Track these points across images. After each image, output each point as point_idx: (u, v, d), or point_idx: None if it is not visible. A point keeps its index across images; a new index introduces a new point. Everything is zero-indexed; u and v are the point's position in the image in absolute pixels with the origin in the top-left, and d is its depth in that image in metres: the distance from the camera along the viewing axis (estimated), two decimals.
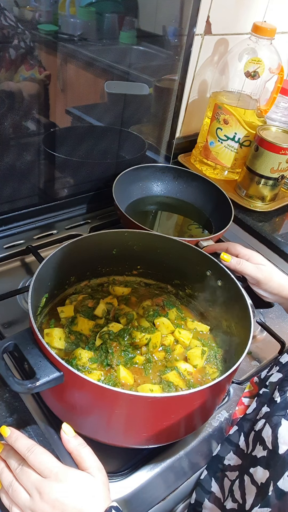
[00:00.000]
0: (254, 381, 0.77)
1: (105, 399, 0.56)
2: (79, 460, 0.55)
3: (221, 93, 1.23)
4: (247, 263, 0.81)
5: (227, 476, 0.67)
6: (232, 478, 0.65)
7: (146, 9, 0.96)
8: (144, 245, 0.82)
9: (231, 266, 0.80)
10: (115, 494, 0.62)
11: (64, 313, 0.76)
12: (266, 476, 0.55)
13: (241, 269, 0.80)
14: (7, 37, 0.78)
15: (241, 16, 1.22)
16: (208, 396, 0.60)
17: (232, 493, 0.62)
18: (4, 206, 0.96)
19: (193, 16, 1.01)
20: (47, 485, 0.51)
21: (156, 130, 1.19)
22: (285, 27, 1.37)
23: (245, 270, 0.80)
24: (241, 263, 0.80)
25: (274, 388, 0.65)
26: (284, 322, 0.95)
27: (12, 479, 0.54)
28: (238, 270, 0.81)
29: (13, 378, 0.55)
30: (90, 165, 1.08)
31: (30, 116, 0.90)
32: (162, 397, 0.56)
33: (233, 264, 0.80)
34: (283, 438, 0.56)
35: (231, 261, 0.80)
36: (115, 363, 0.70)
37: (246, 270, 0.80)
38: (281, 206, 1.25)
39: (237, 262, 0.80)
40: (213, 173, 1.31)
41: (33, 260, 0.94)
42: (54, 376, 0.56)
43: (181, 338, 0.77)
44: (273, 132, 1.19)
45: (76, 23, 0.88)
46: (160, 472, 0.67)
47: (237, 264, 0.80)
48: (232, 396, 0.78)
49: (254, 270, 0.80)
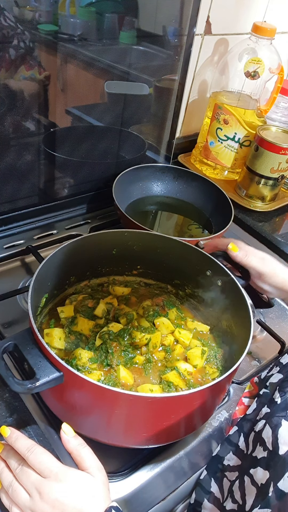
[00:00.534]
0: (254, 381, 0.77)
1: (105, 399, 0.56)
2: (79, 460, 0.55)
3: (221, 93, 1.23)
4: (253, 256, 0.80)
5: (226, 476, 0.66)
6: (231, 478, 0.65)
7: (146, 9, 0.96)
8: (144, 245, 0.82)
9: (238, 258, 0.80)
10: (115, 494, 0.62)
11: (64, 313, 0.76)
12: (266, 477, 0.55)
13: (247, 262, 0.80)
14: (7, 37, 0.78)
15: (241, 16, 1.22)
16: (208, 396, 0.60)
17: (232, 494, 0.62)
18: (4, 206, 0.96)
19: (193, 16, 1.01)
20: (47, 485, 0.51)
21: (156, 130, 1.19)
22: (285, 27, 1.37)
23: (251, 262, 0.80)
24: (247, 255, 0.80)
25: (274, 388, 0.65)
26: (284, 322, 0.95)
27: (12, 479, 0.54)
28: (244, 262, 0.80)
29: (13, 378, 0.55)
30: (90, 165, 1.08)
31: (30, 116, 0.90)
32: (162, 397, 0.56)
33: (240, 256, 0.80)
34: (283, 438, 0.55)
35: (238, 253, 0.80)
36: (115, 363, 0.70)
37: (252, 263, 0.80)
38: (281, 206, 1.25)
39: (243, 254, 0.80)
40: (213, 173, 1.31)
41: (33, 260, 0.94)
42: (54, 376, 0.56)
43: (181, 338, 0.77)
44: (273, 132, 1.19)
45: (76, 23, 0.88)
46: (160, 472, 0.67)
47: (244, 256, 0.80)
48: (232, 396, 0.78)
49: (259, 263, 0.80)
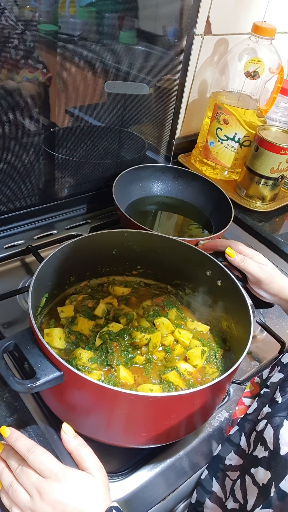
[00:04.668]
0: (255, 381, 0.77)
1: (105, 399, 0.56)
2: (79, 460, 0.55)
3: (221, 93, 1.23)
4: (251, 261, 0.80)
5: (228, 476, 0.67)
6: (233, 478, 0.65)
7: (146, 9, 0.96)
8: (144, 245, 0.82)
9: (235, 262, 0.79)
10: (115, 494, 0.62)
11: (64, 313, 0.76)
12: (268, 477, 0.55)
13: (244, 267, 0.80)
14: (7, 37, 0.78)
15: (241, 16, 1.22)
16: (208, 396, 0.60)
17: (233, 493, 0.62)
18: (4, 206, 0.96)
19: (193, 16, 1.01)
20: (47, 485, 0.51)
21: (156, 130, 1.19)
22: (285, 27, 1.37)
23: (248, 268, 0.79)
24: (245, 260, 0.80)
25: (275, 388, 0.65)
26: (284, 322, 0.95)
27: (12, 479, 0.53)
28: (242, 267, 0.80)
29: (13, 377, 0.55)
30: (90, 165, 1.08)
31: (30, 116, 0.90)
32: (162, 397, 0.56)
33: (237, 260, 0.79)
34: (285, 439, 0.55)
35: (235, 258, 0.79)
36: (115, 363, 0.70)
37: (249, 268, 0.79)
38: (281, 206, 1.25)
39: (241, 259, 0.79)
40: (213, 173, 1.31)
41: (33, 260, 0.94)
42: (54, 375, 0.56)
43: (181, 338, 0.77)
44: (273, 132, 1.19)
45: (76, 23, 0.88)
46: (160, 472, 0.67)
47: (241, 261, 0.79)
48: (232, 396, 0.78)
49: (257, 269, 0.80)
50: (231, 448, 0.68)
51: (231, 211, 1.04)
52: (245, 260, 0.80)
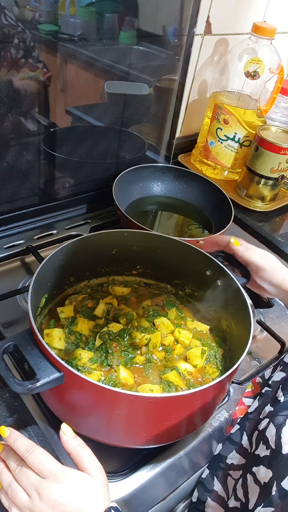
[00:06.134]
0: (256, 381, 0.77)
1: (105, 400, 0.56)
2: (78, 460, 0.55)
3: (221, 93, 1.23)
4: (255, 251, 0.80)
5: (230, 475, 0.66)
6: (235, 477, 0.65)
7: (146, 9, 0.96)
8: (144, 245, 0.82)
9: (239, 252, 0.79)
10: (115, 494, 0.62)
11: (64, 313, 0.76)
12: (269, 475, 0.55)
13: (248, 255, 0.79)
14: (7, 37, 0.78)
15: (241, 16, 1.22)
16: (208, 396, 0.60)
17: (235, 492, 0.62)
18: (4, 206, 0.96)
19: (193, 16, 1.01)
20: (46, 485, 0.51)
21: (156, 130, 1.19)
22: (285, 27, 1.37)
23: (253, 257, 0.79)
24: (249, 249, 0.79)
25: (277, 387, 0.65)
26: (284, 322, 0.95)
27: (11, 479, 0.53)
28: (246, 256, 0.79)
29: (13, 378, 0.55)
30: (90, 165, 1.08)
31: (30, 116, 0.90)
32: (162, 397, 0.56)
33: (242, 250, 0.79)
34: (287, 438, 0.56)
35: (239, 247, 0.79)
36: (115, 363, 0.70)
37: (254, 257, 0.79)
38: (281, 206, 1.25)
39: (245, 248, 0.79)
40: (213, 173, 1.31)
41: (33, 260, 0.94)
42: (54, 376, 0.56)
43: (181, 338, 0.76)
44: (273, 132, 1.19)
45: (76, 23, 0.88)
46: (160, 472, 0.67)
47: (246, 250, 0.79)
48: (232, 396, 0.78)
49: (261, 258, 0.79)
50: (232, 447, 0.68)
51: (231, 211, 1.04)
52: (249, 249, 0.79)
